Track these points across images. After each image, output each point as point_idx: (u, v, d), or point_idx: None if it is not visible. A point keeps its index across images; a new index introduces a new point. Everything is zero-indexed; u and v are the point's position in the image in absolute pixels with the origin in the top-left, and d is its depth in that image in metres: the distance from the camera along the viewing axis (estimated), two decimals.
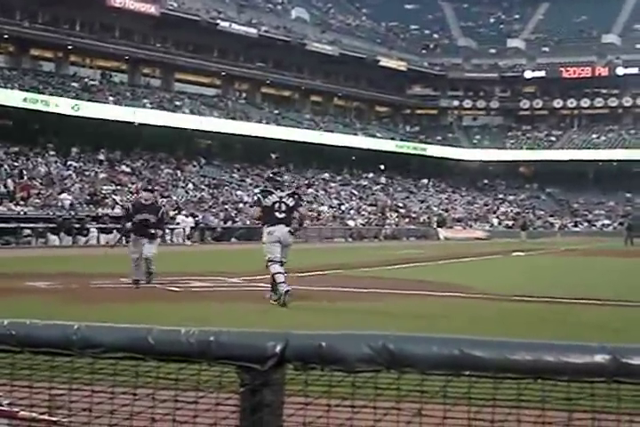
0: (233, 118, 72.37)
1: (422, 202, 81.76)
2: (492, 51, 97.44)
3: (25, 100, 56.25)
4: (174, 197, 57.91)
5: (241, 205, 61.59)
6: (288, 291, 13.49)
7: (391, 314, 12.41)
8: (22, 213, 43.83)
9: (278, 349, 2.06)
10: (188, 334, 2.11)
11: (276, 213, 14.48)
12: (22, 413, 4.26)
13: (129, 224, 18.04)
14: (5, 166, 51.91)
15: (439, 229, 70.77)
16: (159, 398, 2.22)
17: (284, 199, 14.72)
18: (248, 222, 57.24)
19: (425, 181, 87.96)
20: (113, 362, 2.17)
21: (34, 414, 4.25)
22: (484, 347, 1.98)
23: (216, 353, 2.08)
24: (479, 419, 2.04)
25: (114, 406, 2.25)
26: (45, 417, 4.32)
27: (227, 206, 59.41)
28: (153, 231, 17.87)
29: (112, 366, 2.19)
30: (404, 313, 12.56)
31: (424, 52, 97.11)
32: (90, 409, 2.26)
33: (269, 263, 14.02)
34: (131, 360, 2.15)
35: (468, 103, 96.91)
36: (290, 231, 14.40)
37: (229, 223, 55.39)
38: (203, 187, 63.80)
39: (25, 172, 51.80)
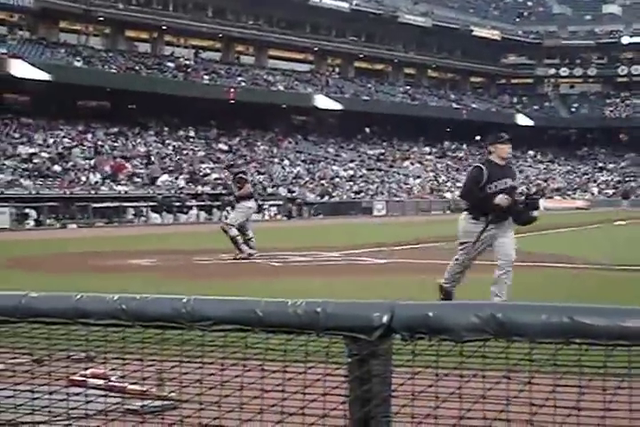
0: (327, 93, 72.37)
1: (520, 172, 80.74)
2: (588, 17, 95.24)
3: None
4: (271, 173, 58.30)
5: (337, 179, 61.70)
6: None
7: (487, 285, 12.29)
8: (124, 192, 44.65)
9: (385, 319, 2.06)
10: (296, 306, 2.12)
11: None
12: (131, 387, 4.36)
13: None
14: (106, 146, 52.88)
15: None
16: (269, 369, 2.25)
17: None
18: (345, 197, 57.41)
19: (522, 151, 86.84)
20: (222, 334, 2.20)
21: (143, 388, 4.35)
22: (595, 314, 1.94)
23: (324, 324, 2.09)
24: (590, 386, 2.01)
25: (224, 378, 2.28)
26: (155, 391, 4.42)
27: (323, 182, 59.57)
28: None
29: (221, 338, 2.21)
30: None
31: (518, 20, 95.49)
32: (200, 381, 2.29)
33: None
34: (239, 332, 2.17)
35: (564, 71, 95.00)
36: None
37: (326, 198, 55.54)
38: (299, 163, 64.05)
39: (124, 151, 52.74)
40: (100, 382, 4.32)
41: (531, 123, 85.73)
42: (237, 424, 2.20)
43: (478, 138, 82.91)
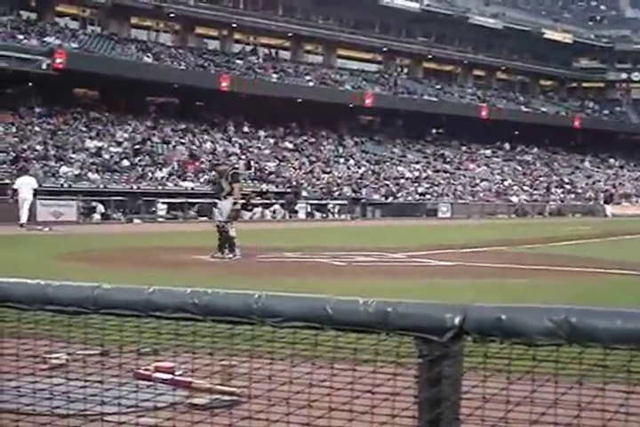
0: (395, 94, 72.22)
1: (588, 177, 79.83)
2: None
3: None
4: (336, 173, 58.34)
5: (402, 180, 61.56)
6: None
7: (560, 290, 12.19)
8: (190, 188, 45.03)
9: (457, 321, 2.04)
10: (367, 305, 2.11)
11: None
12: (197, 382, 4.37)
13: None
14: (173, 143, 53.37)
15: (606, 205, 68.98)
16: (338, 367, 2.24)
17: None
18: (410, 198, 57.27)
19: (591, 156, 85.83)
20: (292, 331, 2.19)
21: (208, 385, 4.36)
22: None
23: (394, 324, 2.07)
24: None
25: (293, 375, 2.28)
26: (221, 388, 4.43)
27: (387, 182, 59.46)
28: None
29: (291, 335, 2.21)
30: (574, 289, 12.29)
31: (590, 23, 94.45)
32: (270, 377, 2.30)
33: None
34: (310, 330, 2.16)
35: (636, 76, 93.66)
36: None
37: (390, 199, 55.44)
38: (364, 163, 64.00)
39: (193, 148, 53.19)
40: (165, 376, 4.35)
41: (601, 127, 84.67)
42: (307, 422, 2.19)
43: (547, 142, 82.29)
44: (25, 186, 29.98)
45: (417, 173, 65.20)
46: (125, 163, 47.07)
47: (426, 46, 79.12)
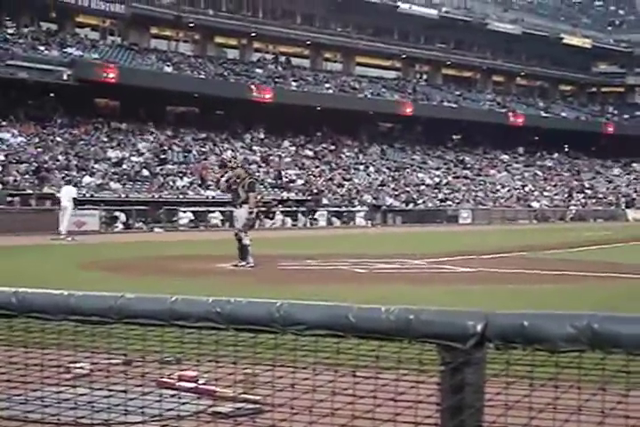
0: (414, 101, 72.22)
1: (609, 182, 79.48)
2: None
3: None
4: (356, 180, 58.36)
5: (422, 187, 61.50)
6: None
7: (582, 296, 12.14)
8: (211, 197, 45.11)
9: (479, 327, 2.04)
10: (389, 312, 2.11)
11: None
12: (220, 391, 4.38)
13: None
14: (194, 152, 53.52)
15: (628, 210, 68.68)
16: (361, 375, 2.24)
17: None
18: (430, 205, 57.19)
19: (611, 161, 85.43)
20: (314, 339, 2.20)
21: (232, 394, 4.37)
22: None
23: (417, 331, 2.07)
24: None
25: (316, 383, 2.28)
26: (244, 396, 4.43)
27: (408, 189, 59.42)
28: None
29: (314, 343, 2.22)
30: (596, 295, 12.24)
31: (609, 28, 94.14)
32: (292, 386, 2.30)
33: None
34: (332, 337, 2.17)
35: None
36: None
37: (411, 205, 55.39)
38: (384, 170, 63.97)
39: (213, 157, 53.31)
40: (189, 385, 4.36)
41: (621, 132, 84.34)
42: None
43: (567, 147, 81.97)
44: (66, 196, 30.67)
45: (437, 180, 65.14)
46: (146, 172, 47.23)
47: (444, 53, 79.09)
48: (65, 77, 49.63)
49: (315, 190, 51.09)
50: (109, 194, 42.35)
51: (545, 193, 70.67)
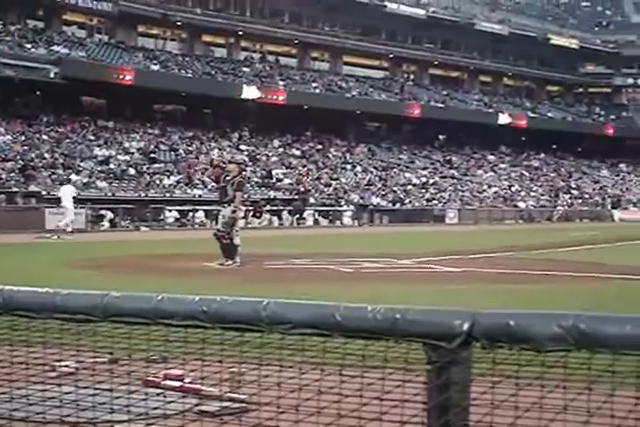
0: (401, 100, 72.25)
1: (596, 183, 79.72)
2: None
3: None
4: (343, 180, 58.35)
5: (409, 187, 61.53)
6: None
7: (568, 296, 12.16)
8: (197, 195, 45.04)
9: (466, 327, 2.04)
10: (375, 311, 2.11)
11: None
12: (206, 389, 4.37)
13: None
14: (180, 150, 53.42)
15: (614, 210, 68.90)
16: (347, 374, 2.24)
17: None
18: (417, 204, 57.23)
19: (598, 161, 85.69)
20: (301, 338, 2.20)
21: (217, 392, 4.36)
22: None
23: (403, 330, 2.07)
24: None
25: (302, 382, 2.28)
26: (231, 395, 4.43)
27: (395, 188, 59.44)
28: None
29: (300, 341, 2.21)
30: (582, 295, 12.26)
31: (597, 29, 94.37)
32: (279, 384, 2.30)
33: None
34: (318, 337, 2.17)
35: None
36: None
37: (398, 205, 55.40)
38: (371, 169, 63.98)
39: (200, 156, 53.22)
40: (175, 383, 4.35)
41: (608, 133, 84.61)
42: None
43: (554, 147, 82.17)
44: (66, 195, 30.71)
45: (424, 180, 65.17)
46: (132, 171, 47.12)
47: (432, 53, 79.18)
48: (52, 75, 49.48)
49: (302, 189, 51.05)
50: (96, 192, 42.23)
51: (531, 193, 70.80)
